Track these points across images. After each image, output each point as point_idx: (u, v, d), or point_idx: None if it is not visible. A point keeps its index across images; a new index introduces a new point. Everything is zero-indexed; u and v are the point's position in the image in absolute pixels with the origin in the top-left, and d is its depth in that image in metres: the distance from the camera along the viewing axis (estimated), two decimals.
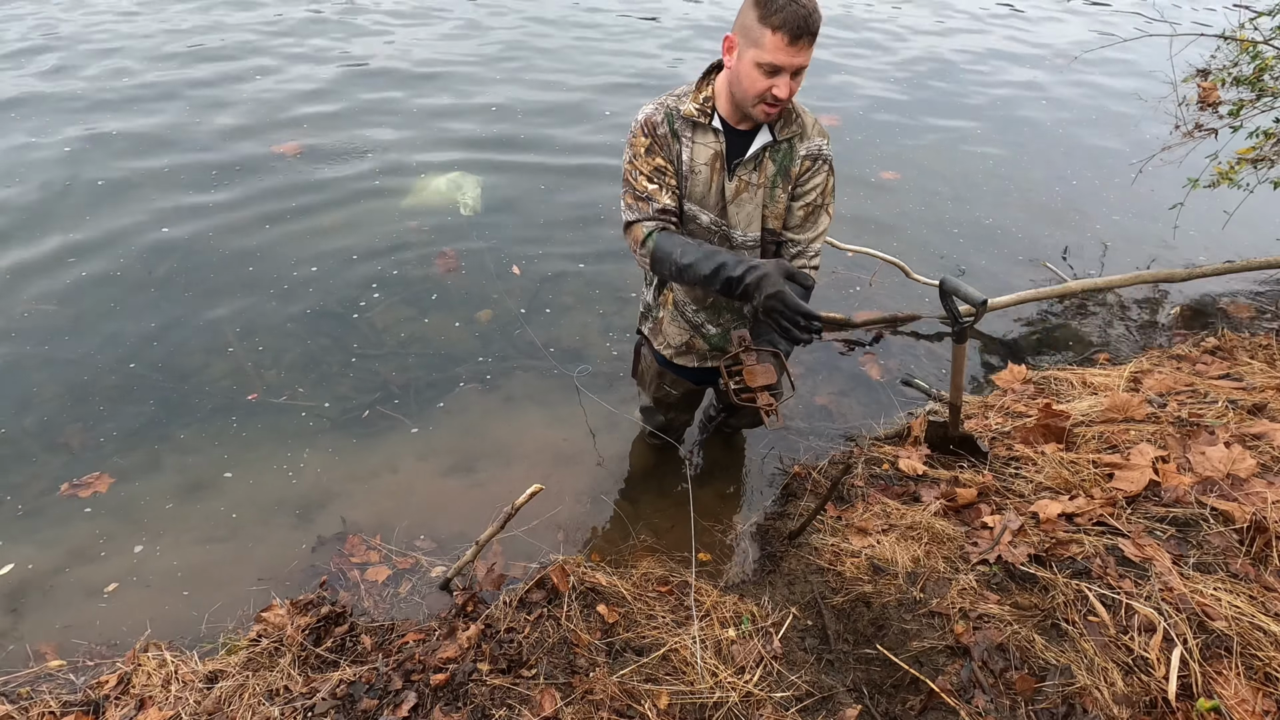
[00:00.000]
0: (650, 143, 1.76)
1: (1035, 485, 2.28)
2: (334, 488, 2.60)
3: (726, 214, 1.81)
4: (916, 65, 6.43)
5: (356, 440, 2.78)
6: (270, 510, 2.52)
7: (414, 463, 2.71)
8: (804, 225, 1.85)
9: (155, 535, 2.42)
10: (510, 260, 3.71)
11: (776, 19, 1.49)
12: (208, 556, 2.37)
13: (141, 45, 5.58)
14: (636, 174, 1.77)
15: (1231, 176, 3.55)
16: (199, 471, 2.63)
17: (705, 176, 1.78)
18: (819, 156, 1.78)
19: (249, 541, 2.42)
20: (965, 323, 2.18)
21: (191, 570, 2.32)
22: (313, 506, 2.53)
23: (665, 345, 2.14)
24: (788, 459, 2.78)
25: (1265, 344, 3.17)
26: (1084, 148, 5.34)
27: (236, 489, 2.58)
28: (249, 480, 2.61)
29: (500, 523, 1.98)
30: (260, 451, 2.71)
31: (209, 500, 2.54)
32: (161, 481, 2.59)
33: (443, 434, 2.83)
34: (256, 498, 2.55)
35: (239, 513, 2.50)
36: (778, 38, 1.50)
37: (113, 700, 1.83)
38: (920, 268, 3.69)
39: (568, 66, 5.84)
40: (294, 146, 4.46)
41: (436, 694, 1.75)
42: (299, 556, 2.37)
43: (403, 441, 2.79)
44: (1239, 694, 1.55)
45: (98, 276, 3.38)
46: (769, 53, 1.53)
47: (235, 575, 2.31)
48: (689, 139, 1.77)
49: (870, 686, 1.78)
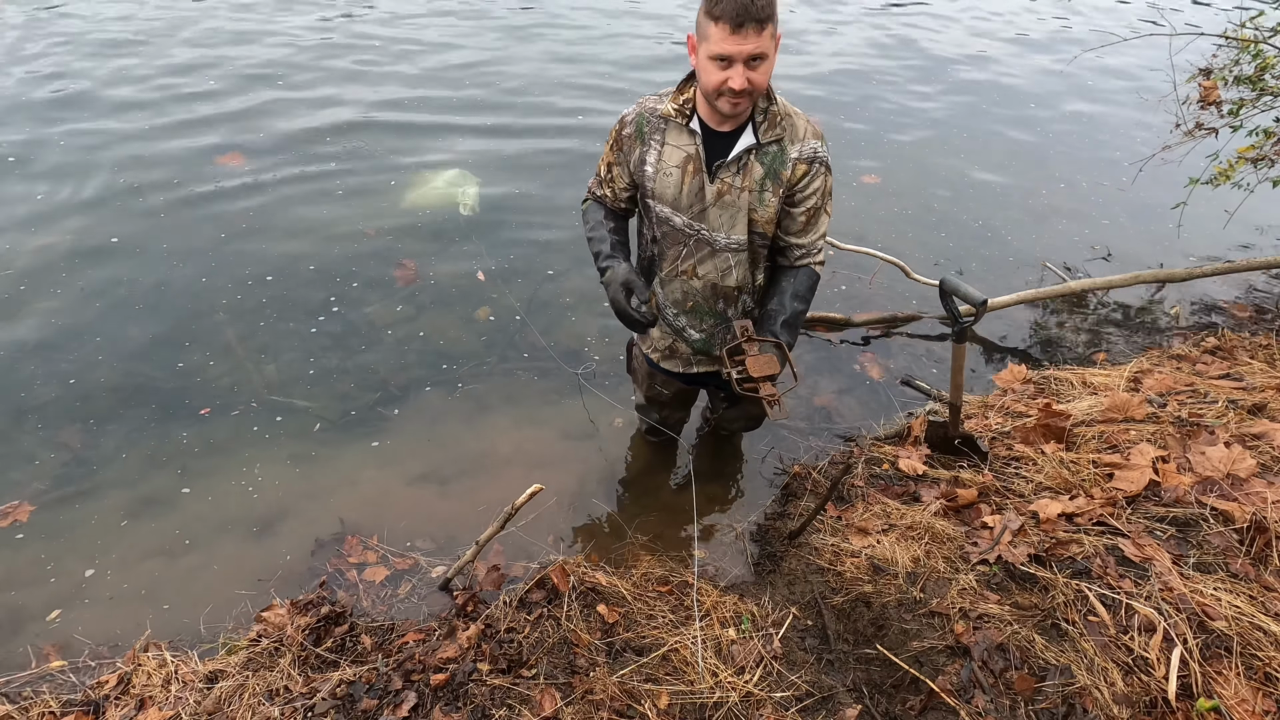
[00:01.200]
0: (614, 142, 1.87)
1: (1035, 485, 2.28)
2: (333, 488, 2.59)
3: (706, 217, 1.79)
4: (917, 65, 6.43)
5: (356, 440, 2.77)
6: (270, 510, 2.51)
7: (413, 462, 2.71)
8: (807, 229, 1.83)
9: (156, 533, 2.42)
10: (510, 261, 3.71)
11: (718, 9, 1.50)
12: (207, 556, 2.37)
13: (162, 30, 5.60)
14: (601, 159, 1.94)
15: (1230, 175, 3.55)
16: (199, 470, 2.63)
17: (676, 179, 1.76)
18: (815, 159, 1.75)
19: (249, 541, 2.42)
20: (965, 323, 2.18)
21: (191, 570, 2.32)
22: (312, 507, 2.52)
23: (651, 348, 2.13)
24: (788, 459, 2.78)
25: (1265, 344, 3.17)
26: (1084, 147, 5.34)
27: (236, 489, 2.58)
28: (250, 480, 2.61)
29: (500, 523, 1.98)
30: (260, 451, 2.70)
31: (209, 499, 2.54)
32: (162, 480, 2.59)
33: (442, 434, 2.83)
34: (256, 497, 2.55)
35: (239, 512, 2.50)
36: (721, 28, 1.51)
37: (113, 700, 1.83)
38: (920, 268, 3.69)
39: (568, 66, 5.84)
40: None
41: (436, 694, 1.75)
42: (298, 557, 2.36)
43: (401, 441, 2.78)
44: (1239, 694, 1.55)
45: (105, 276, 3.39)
46: (716, 44, 1.53)
47: (235, 576, 2.30)
48: (658, 141, 1.77)
49: (870, 686, 1.78)
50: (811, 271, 1.87)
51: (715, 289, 1.91)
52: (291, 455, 2.70)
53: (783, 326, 1.79)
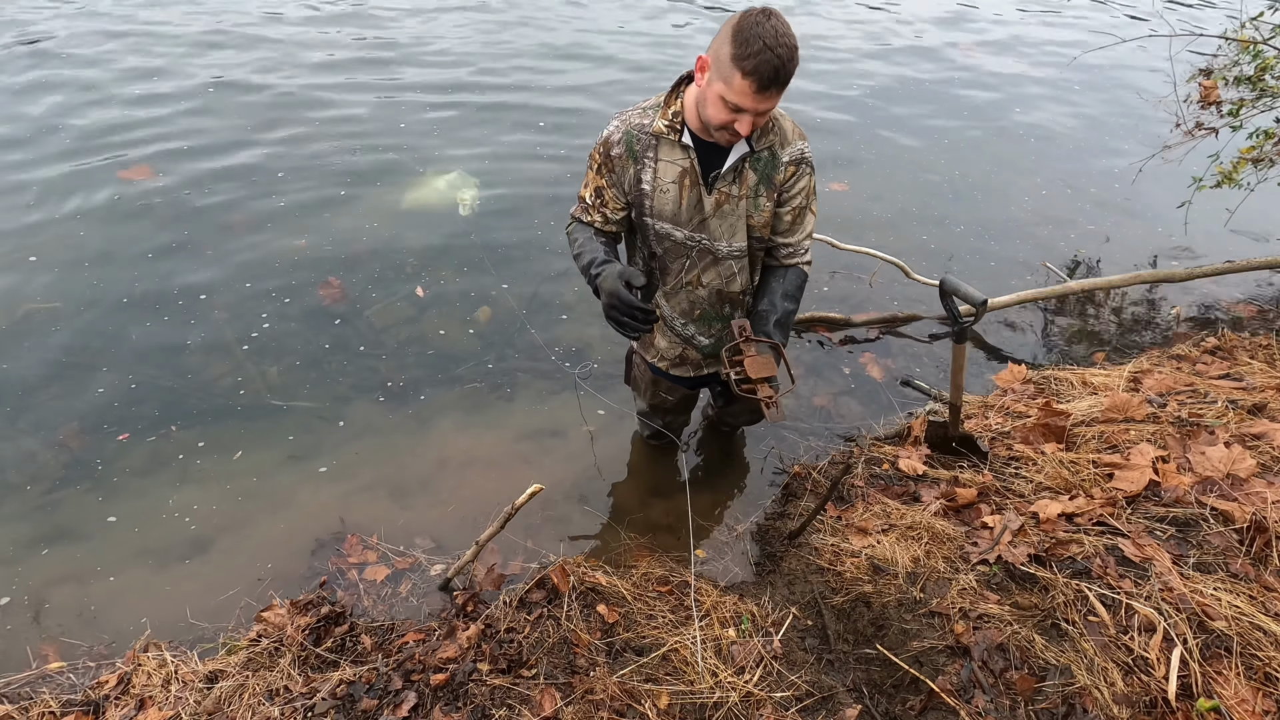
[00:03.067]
0: (601, 163, 1.81)
1: (1035, 485, 2.28)
2: (333, 487, 2.59)
3: (707, 228, 1.79)
4: (914, 64, 6.43)
5: (356, 440, 2.78)
6: (270, 509, 2.51)
7: (414, 462, 2.71)
8: (793, 228, 1.85)
9: (156, 533, 2.42)
10: (504, 261, 3.72)
11: (749, 64, 1.44)
12: (207, 556, 2.37)
13: (161, 31, 5.59)
14: (586, 184, 1.88)
15: (1233, 176, 3.55)
16: (198, 472, 2.63)
17: (674, 195, 1.76)
18: (801, 160, 1.77)
19: (249, 540, 2.42)
20: (965, 323, 2.18)
21: (192, 570, 2.33)
22: (313, 506, 2.52)
23: (659, 358, 2.13)
24: (788, 459, 2.78)
25: (1265, 344, 3.17)
26: (1084, 147, 5.34)
27: (236, 490, 2.58)
28: (248, 481, 2.61)
29: (500, 523, 1.98)
30: (261, 451, 2.70)
31: (209, 499, 2.54)
32: (161, 480, 2.59)
33: (442, 433, 2.83)
34: (256, 497, 2.55)
35: (239, 512, 2.50)
36: (747, 83, 1.46)
37: (113, 700, 1.83)
38: (920, 268, 3.69)
39: (569, 66, 5.84)
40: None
41: (436, 694, 1.75)
42: (298, 556, 2.36)
43: (402, 441, 2.78)
44: (1239, 694, 1.55)
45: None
46: (735, 94, 1.49)
47: (235, 575, 2.30)
48: (652, 159, 1.75)
49: (870, 686, 1.78)
50: (800, 271, 1.89)
51: (721, 295, 1.93)
52: (292, 455, 2.70)
53: (775, 327, 1.81)
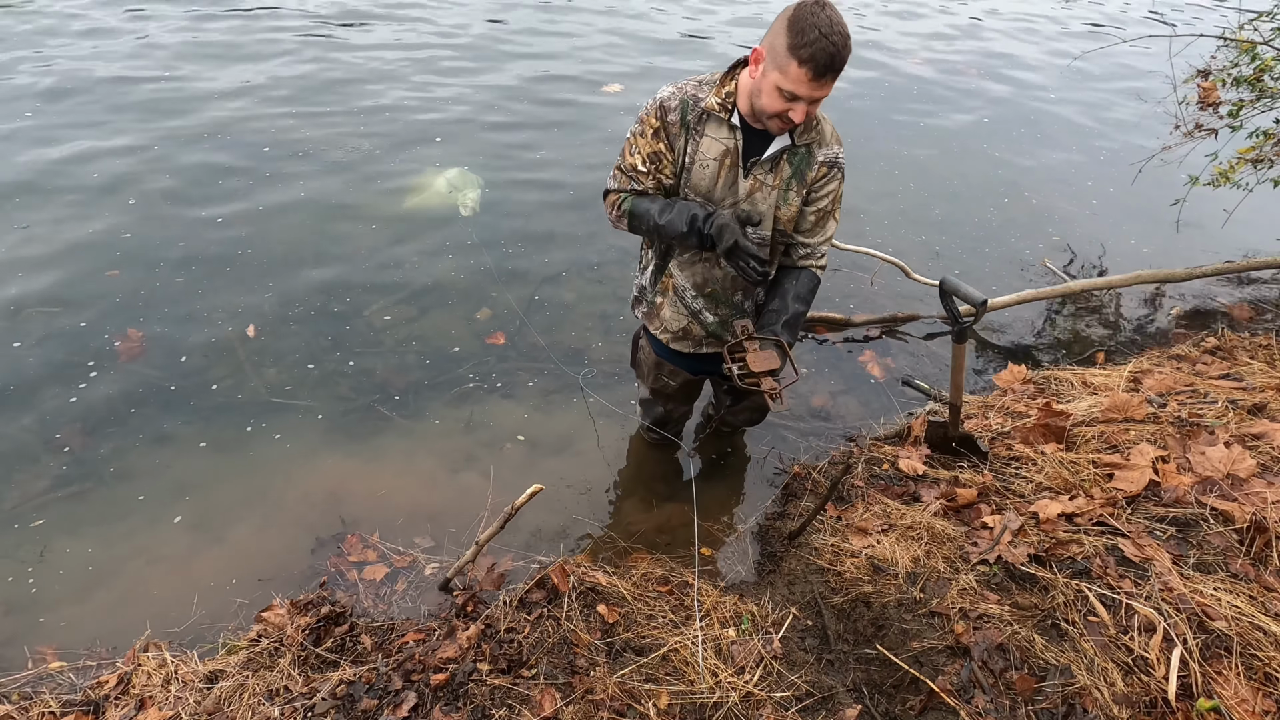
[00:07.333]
0: (659, 126, 1.79)
1: (1035, 485, 2.28)
2: (333, 487, 2.59)
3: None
4: (915, 64, 6.43)
5: (356, 439, 2.77)
6: (270, 509, 2.51)
7: (414, 462, 2.71)
8: (814, 230, 1.89)
9: (156, 533, 2.42)
10: (504, 261, 3.72)
11: (805, 52, 1.49)
12: (208, 556, 2.37)
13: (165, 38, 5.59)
14: (634, 150, 1.82)
15: (1231, 176, 3.56)
16: (198, 472, 2.63)
17: (712, 171, 1.79)
18: (834, 164, 1.81)
19: (250, 540, 2.42)
20: (965, 323, 2.18)
21: (192, 569, 2.32)
22: (313, 505, 2.53)
23: (662, 330, 2.14)
24: (788, 459, 2.78)
25: (1265, 344, 3.17)
26: (1084, 148, 5.35)
27: (236, 490, 2.58)
28: (248, 481, 2.61)
29: (500, 523, 1.98)
30: (260, 451, 2.71)
31: (210, 499, 2.54)
32: (161, 480, 2.59)
33: (442, 433, 2.83)
34: (256, 497, 2.55)
35: (239, 512, 2.50)
36: (803, 71, 1.51)
37: (113, 700, 1.83)
38: (920, 268, 3.69)
39: (571, 65, 5.84)
40: None
41: (436, 694, 1.75)
42: (299, 556, 2.36)
43: (402, 441, 2.78)
44: (1239, 694, 1.55)
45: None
46: (791, 82, 1.54)
47: (235, 575, 2.30)
48: (700, 132, 1.77)
49: (870, 686, 1.78)
50: (813, 274, 1.94)
51: (735, 280, 1.95)
52: (291, 454, 2.70)
53: (784, 326, 1.85)
